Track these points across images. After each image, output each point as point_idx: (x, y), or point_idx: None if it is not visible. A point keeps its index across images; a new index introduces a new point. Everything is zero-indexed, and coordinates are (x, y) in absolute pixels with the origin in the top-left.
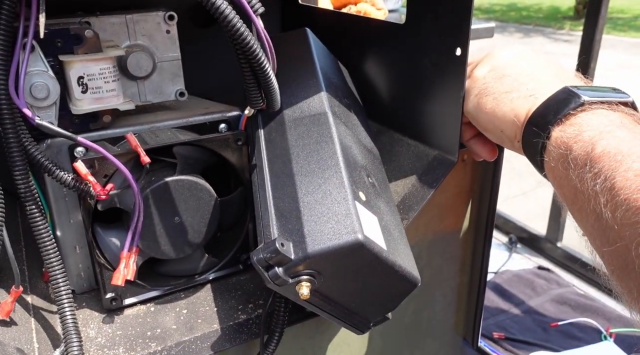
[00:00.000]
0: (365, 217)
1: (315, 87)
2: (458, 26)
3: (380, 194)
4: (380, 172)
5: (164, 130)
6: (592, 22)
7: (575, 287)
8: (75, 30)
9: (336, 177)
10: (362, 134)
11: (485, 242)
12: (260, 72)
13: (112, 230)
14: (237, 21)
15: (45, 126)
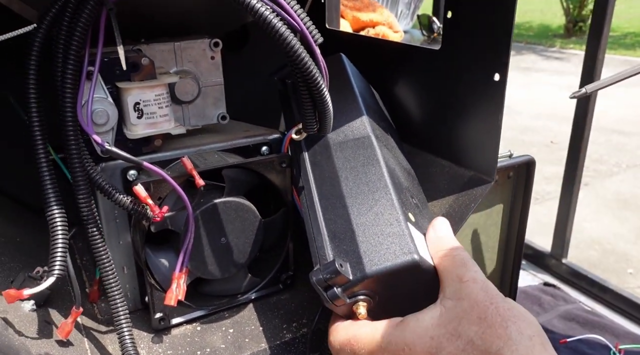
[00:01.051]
0: (416, 237)
1: (356, 111)
2: (497, 52)
3: (423, 214)
4: (420, 193)
5: (211, 153)
6: (595, 42)
7: (582, 303)
8: (132, 58)
9: (386, 198)
10: (400, 156)
11: (515, 261)
12: (319, 98)
13: (161, 252)
14: (301, 51)
15: (114, 152)
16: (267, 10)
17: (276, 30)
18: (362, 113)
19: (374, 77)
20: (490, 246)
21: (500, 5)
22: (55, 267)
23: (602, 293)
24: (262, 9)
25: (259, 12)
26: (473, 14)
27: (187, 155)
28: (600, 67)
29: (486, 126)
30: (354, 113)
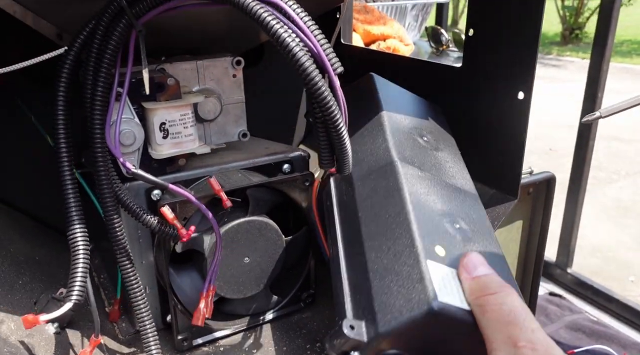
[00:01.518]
0: (441, 276)
1: (381, 137)
2: (522, 70)
3: (472, 237)
4: (474, 210)
5: (234, 172)
6: (599, 53)
7: (587, 313)
8: (158, 79)
9: (406, 235)
10: (449, 172)
11: (534, 277)
12: (337, 136)
13: (183, 271)
14: (321, 84)
15: (140, 175)
16: (288, 37)
17: (297, 60)
18: (387, 137)
19: None
20: (509, 262)
21: (524, 21)
22: (73, 292)
23: (607, 303)
24: (282, 33)
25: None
26: (496, 31)
27: (209, 173)
28: (604, 78)
29: (510, 145)
30: (378, 139)
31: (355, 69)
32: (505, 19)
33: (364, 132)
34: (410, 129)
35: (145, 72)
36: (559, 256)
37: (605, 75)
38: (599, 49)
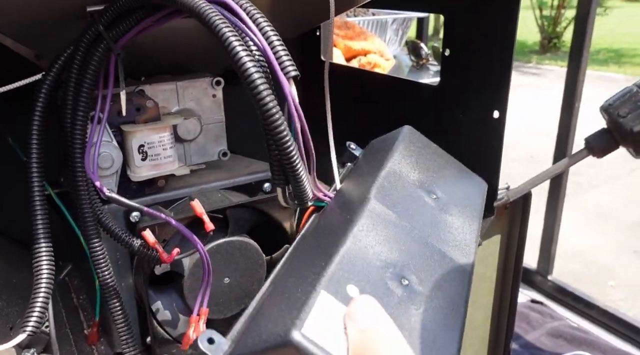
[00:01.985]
0: (328, 314)
1: (372, 176)
2: (496, 90)
3: (420, 301)
4: (449, 280)
5: (214, 192)
6: (576, 64)
7: (568, 320)
8: (137, 101)
9: (322, 264)
10: (443, 236)
11: (513, 290)
12: (291, 170)
13: (163, 293)
14: (263, 88)
15: (115, 199)
16: (232, 36)
17: (244, 69)
18: (376, 179)
19: (370, 110)
20: (487, 276)
21: (497, 43)
22: (29, 322)
23: (587, 309)
24: (227, 32)
25: (222, 35)
26: (470, 52)
27: (188, 194)
28: (580, 87)
29: (486, 163)
30: (369, 178)
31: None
32: (479, 40)
33: (363, 170)
34: (416, 182)
35: (122, 95)
36: (539, 263)
37: (582, 85)
38: (575, 60)
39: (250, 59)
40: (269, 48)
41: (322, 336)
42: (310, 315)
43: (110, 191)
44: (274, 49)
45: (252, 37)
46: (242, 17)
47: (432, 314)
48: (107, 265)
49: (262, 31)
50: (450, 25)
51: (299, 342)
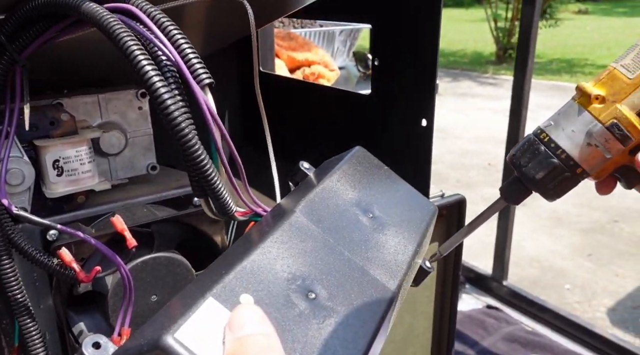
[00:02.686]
0: (211, 320)
1: (303, 193)
2: (423, 99)
3: (324, 315)
4: (365, 300)
5: (139, 208)
6: (521, 74)
7: (523, 324)
8: (50, 114)
9: (221, 272)
10: (371, 256)
11: (453, 294)
12: (210, 188)
13: (86, 313)
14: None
15: (25, 217)
16: (134, 44)
17: (150, 84)
18: (308, 194)
19: (309, 121)
20: (427, 285)
21: (422, 55)
22: None
23: (541, 313)
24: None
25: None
26: (398, 62)
27: (112, 210)
28: (527, 97)
29: (416, 170)
30: (300, 194)
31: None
32: (404, 51)
33: (304, 187)
34: (352, 199)
35: (26, 108)
36: (494, 269)
37: (528, 94)
38: (521, 70)
39: (152, 67)
40: (180, 57)
41: (197, 342)
42: (189, 321)
43: (20, 209)
44: (185, 58)
45: (160, 46)
46: (149, 26)
47: (336, 330)
48: (18, 286)
49: (171, 39)
50: (377, 36)
51: (170, 346)
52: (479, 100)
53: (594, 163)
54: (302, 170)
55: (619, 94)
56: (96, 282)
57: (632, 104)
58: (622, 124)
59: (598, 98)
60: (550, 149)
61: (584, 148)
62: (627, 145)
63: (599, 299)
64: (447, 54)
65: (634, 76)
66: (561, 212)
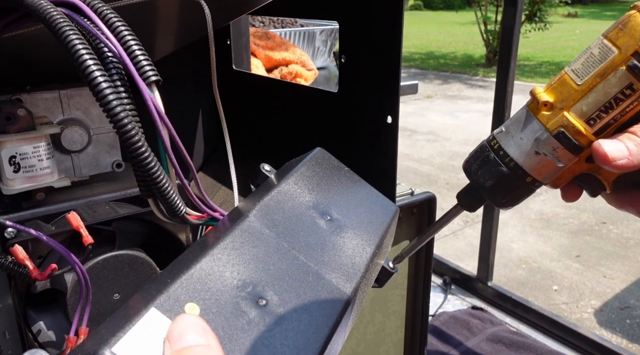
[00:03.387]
0: (153, 331)
1: (258, 197)
2: (388, 96)
3: (275, 322)
4: (318, 304)
5: (102, 205)
6: (503, 75)
7: (507, 324)
8: (6, 110)
9: (166, 281)
10: (327, 259)
11: (424, 294)
12: (158, 190)
13: (46, 313)
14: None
15: None
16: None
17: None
18: (262, 199)
19: (280, 119)
20: (399, 283)
21: (386, 52)
22: None
23: (525, 313)
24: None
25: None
26: (364, 59)
27: (74, 207)
28: (510, 98)
29: (382, 167)
30: (255, 199)
31: (245, 96)
32: (370, 48)
33: (257, 192)
34: (309, 202)
35: None
36: (479, 270)
37: (511, 95)
38: (503, 71)
39: (94, 62)
40: (125, 53)
41: (138, 349)
42: (128, 333)
43: None
44: (131, 54)
45: (105, 42)
46: (94, 20)
47: (286, 337)
48: None
49: (118, 35)
50: (344, 33)
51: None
52: (469, 102)
53: (546, 172)
54: (262, 173)
55: (567, 100)
56: (55, 280)
57: (579, 112)
58: (569, 133)
59: (547, 105)
60: (499, 157)
61: (532, 157)
62: (578, 153)
63: (586, 300)
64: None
65: (582, 82)
66: (550, 213)
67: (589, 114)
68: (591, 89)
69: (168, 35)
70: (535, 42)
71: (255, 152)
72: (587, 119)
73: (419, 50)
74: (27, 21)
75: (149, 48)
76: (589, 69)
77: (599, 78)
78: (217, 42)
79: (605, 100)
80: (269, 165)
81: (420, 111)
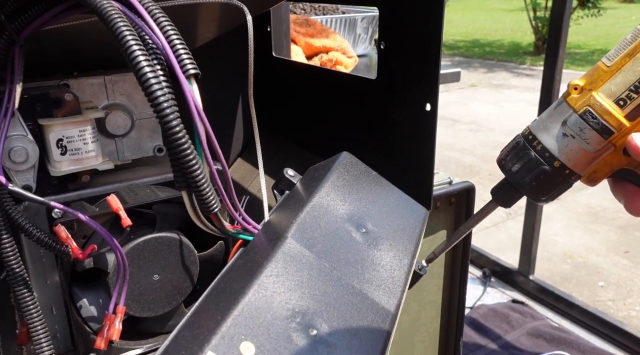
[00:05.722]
0: None
1: (294, 212)
2: (427, 83)
3: (328, 352)
4: (364, 327)
5: (143, 188)
6: (552, 63)
7: (549, 319)
8: (54, 94)
9: (219, 317)
10: (368, 276)
11: (461, 284)
12: (197, 190)
13: (89, 290)
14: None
15: (18, 192)
16: (132, 39)
17: (141, 74)
18: (298, 216)
19: (318, 105)
20: (435, 273)
21: (427, 38)
22: None
23: (568, 309)
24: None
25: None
26: (403, 46)
27: (116, 190)
28: (557, 87)
29: (420, 156)
30: (292, 214)
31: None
32: (410, 35)
33: (293, 201)
34: (344, 215)
35: (18, 87)
36: (521, 263)
37: (559, 84)
38: (551, 59)
39: (142, 53)
40: (169, 46)
41: None
42: None
43: (15, 185)
44: (173, 47)
45: (151, 34)
46: (142, 14)
47: None
48: (15, 258)
49: (162, 29)
50: (383, 19)
51: None
52: (515, 91)
53: (577, 159)
54: (286, 178)
55: (596, 82)
56: (97, 259)
57: (608, 92)
58: (597, 112)
59: (577, 88)
60: (532, 147)
61: (561, 140)
62: (607, 136)
63: (634, 297)
64: (483, 44)
65: (611, 64)
66: (598, 207)
67: (617, 94)
68: (620, 69)
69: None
70: (588, 29)
71: (295, 139)
72: (616, 99)
73: (464, 38)
74: (76, 11)
75: (191, 34)
76: (620, 51)
77: (628, 58)
78: (258, 29)
79: (635, 80)
80: (292, 170)
81: (464, 100)
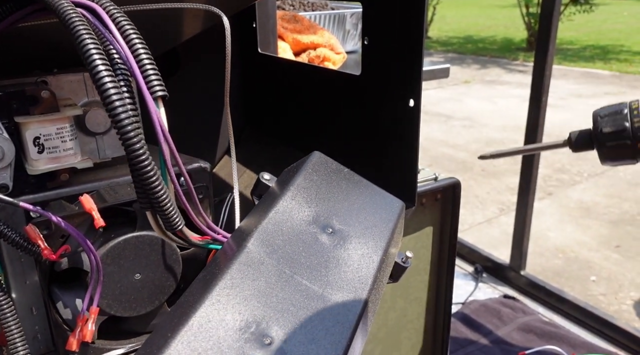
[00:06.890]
0: None
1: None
2: (410, 79)
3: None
4: (321, 329)
5: (124, 186)
6: (542, 59)
7: (540, 314)
8: (30, 91)
9: (168, 335)
10: (329, 274)
11: (448, 281)
12: (160, 210)
13: (69, 290)
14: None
15: None
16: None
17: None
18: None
19: (306, 102)
20: (421, 269)
21: (409, 34)
22: None
23: (559, 303)
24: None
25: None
26: (387, 41)
27: (96, 188)
28: (547, 82)
29: (404, 152)
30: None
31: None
32: (392, 30)
33: (262, 206)
34: (309, 217)
35: None
36: (512, 259)
37: (549, 79)
38: (541, 54)
39: (108, 73)
40: (137, 66)
41: None
42: None
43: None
44: (142, 68)
45: (119, 50)
46: (110, 28)
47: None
48: None
49: (131, 45)
50: (367, 14)
51: None
52: (508, 87)
53: None
54: (262, 183)
55: None
56: (73, 259)
57: None
58: None
59: None
60: (631, 113)
61: None
62: None
63: (625, 291)
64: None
65: None
66: (589, 202)
67: None
68: None
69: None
70: (580, 25)
71: (281, 135)
72: None
73: (457, 34)
74: (44, 15)
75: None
76: None
77: None
78: (243, 25)
79: None
80: (268, 174)
81: (457, 96)
